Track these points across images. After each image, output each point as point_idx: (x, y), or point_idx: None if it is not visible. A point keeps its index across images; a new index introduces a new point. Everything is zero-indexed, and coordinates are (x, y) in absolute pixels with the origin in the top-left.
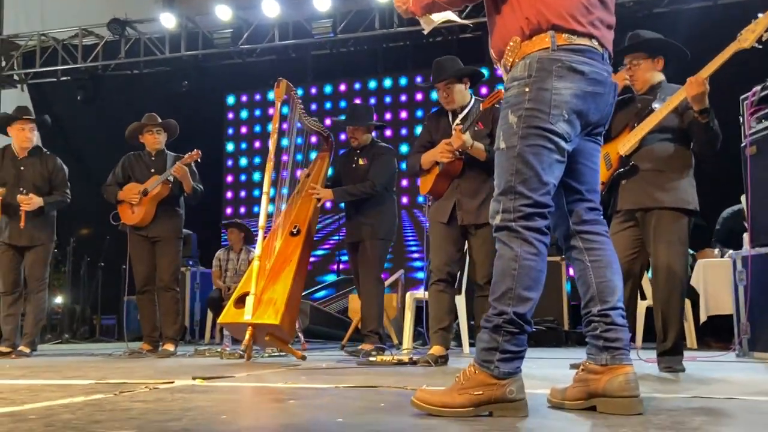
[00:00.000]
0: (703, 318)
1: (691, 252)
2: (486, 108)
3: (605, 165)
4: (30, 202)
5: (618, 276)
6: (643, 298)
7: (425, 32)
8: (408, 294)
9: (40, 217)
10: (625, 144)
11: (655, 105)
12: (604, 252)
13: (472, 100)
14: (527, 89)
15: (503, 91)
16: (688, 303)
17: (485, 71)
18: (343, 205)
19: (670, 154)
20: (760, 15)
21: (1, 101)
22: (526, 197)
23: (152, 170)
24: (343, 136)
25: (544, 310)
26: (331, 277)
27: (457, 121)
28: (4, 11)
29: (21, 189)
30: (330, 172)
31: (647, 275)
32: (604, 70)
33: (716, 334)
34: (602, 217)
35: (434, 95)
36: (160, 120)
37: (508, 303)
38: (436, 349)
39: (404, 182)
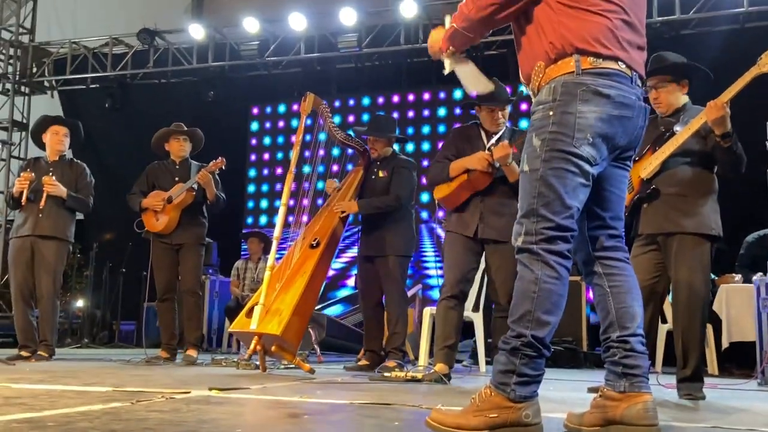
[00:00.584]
0: (725, 344)
1: (714, 277)
2: (522, 132)
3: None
4: (54, 184)
5: (638, 302)
6: (664, 321)
7: (445, 72)
8: (425, 310)
9: (60, 209)
10: (647, 167)
11: (677, 128)
12: (624, 278)
13: (504, 125)
14: (551, 113)
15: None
16: (709, 328)
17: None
18: (360, 217)
19: (692, 178)
20: None
21: (32, 107)
22: (549, 220)
23: (176, 178)
24: None
25: (563, 330)
26: (348, 290)
27: (493, 140)
28: (37, 19)
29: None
30: None
31: (668, 299)
32: (632, 93)
33: (738, 361)
34: (624, 243)
35: (457, 110)
36: (185, 128)
37: (526, 326)
38: (439, 367)
39: (425, 197)
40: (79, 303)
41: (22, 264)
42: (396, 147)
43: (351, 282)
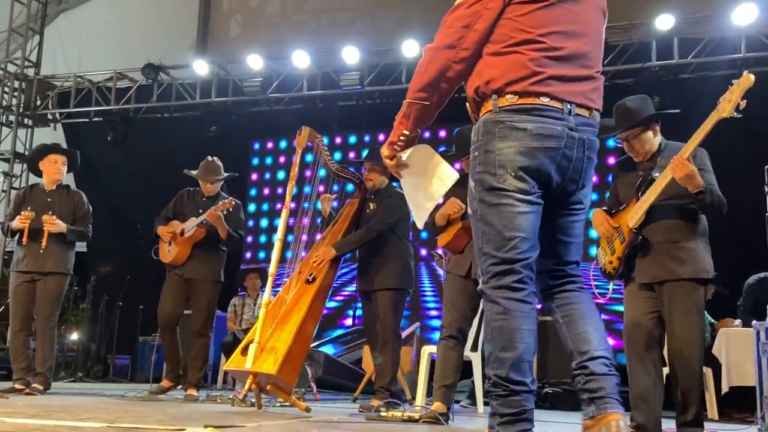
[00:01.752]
0: (725, 388)
1: (711, 321)
2: None
3: (618, 239)
4: (54, 222)
5: (593, 325)
6: (663, 365)
7: (419, 225)
8: (423, 349)
9: (60, 245)
10: (633, 216)
11: (655, 174)
12: (574, 305)
13: None
14: (477, 153)
15: None
16: (709, 372)
17: None
18: (357, 253)
19: (680, 222)
20: (734, 82)
21: (35, 139)
22: (492, 256)
23: (200, 211)
24: None
25: (561, 372)
26: (342, 330)
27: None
28: (42, 52)
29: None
30: None
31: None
32: (558, 124)
33: (738, 405)
34: (577, 279)
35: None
36: (220, 172)
37: (492, 367)
38: (437, 406)
39: (423, 234)
40: (74, 336)
41: (23, 298)
42: (395, 185)
43: (348, 322)
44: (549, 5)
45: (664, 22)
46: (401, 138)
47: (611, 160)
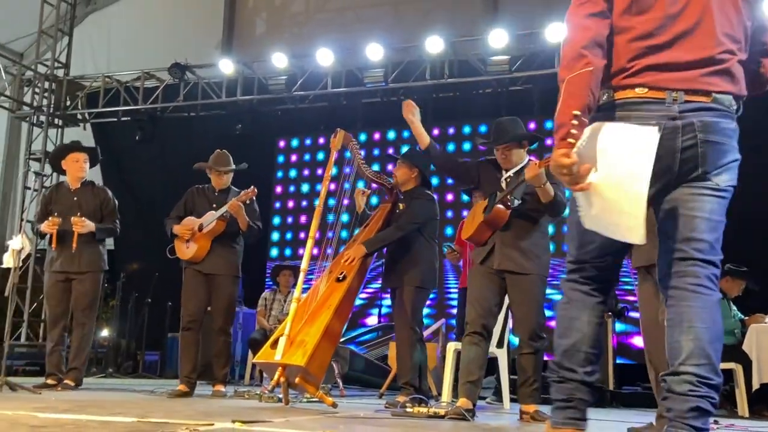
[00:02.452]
0: (755, 385)
1: (742, 317)
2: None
3: None
4: (83, 224)
5: (692, 334)
6: None
7: (638, 240)
8: (449, 345)
9: (91, 244)
10: None
11: None
12: (677, 308)
13: (526, 159)
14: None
15: None
16: (739, 369)
17: (533, 124)
18: (385, 250)
19: None
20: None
21: (65, 139)
22: (570, 254)
23: (213, 205)
24: None
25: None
26: (371, 321)
27: (508, 174)
28: (72, 53)
29: (78, 214)
30: None
31: None
32: (651, 115)
33: None
34: (701, 264)
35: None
36: (230, 162)
37: (553, 354)
38: (462, 402)
39: (448, 231)
40: (105, 332)
41: (58, 296)
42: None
43: (372, 320)
44: None
45: None
46: (573, 122)
47: None
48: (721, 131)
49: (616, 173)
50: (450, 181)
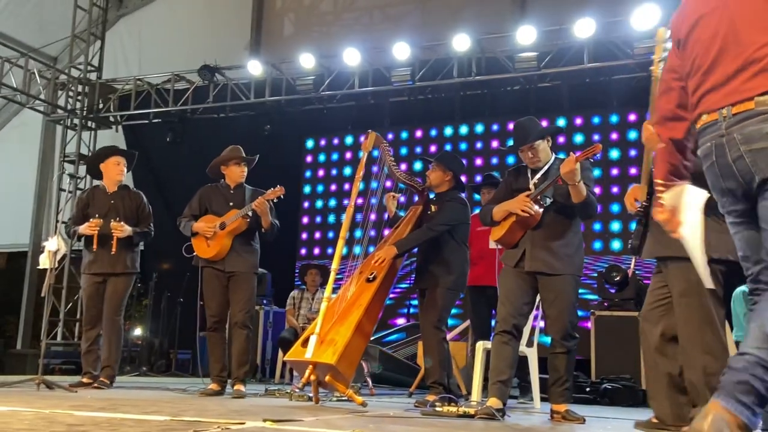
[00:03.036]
0: None
1: None
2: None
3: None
4: (122, 228)
5: (755, 322)
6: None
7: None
8: (478, 344)
9: (127, 247)
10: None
11: None
12: (759, 302)
13: (553, 157)
14: None
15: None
16: None
17: (563, 121)
18: (416, 249)
19: None
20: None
21: (98, 141)
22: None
23: (231, 203)
24: None
25: (620, 368)
26: (400, 321)
27: (537, 177)
28: (104, 57)
29: (116, 218)
30: None
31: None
32: (708, 138)
33: None
34: None
35: (510, 142)
36: (243, 153)
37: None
38: (492, 402)
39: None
40: (138, 331)
41: (95, 297)
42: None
43: (400, 321)
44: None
45: None
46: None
47: None
48: (755, 138)
49: (687, 229)
50: (479, 179)
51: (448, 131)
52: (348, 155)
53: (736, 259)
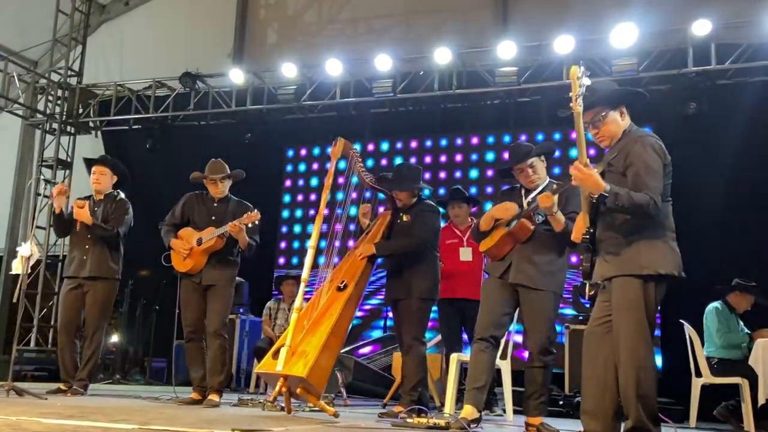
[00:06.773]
0: (761, 400)
1: (748, 331)
2: (563, 185)
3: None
4: (81, 208)
5: None
6: (698, 375)
7: None
8: (452, 356)
9: (104, 249)
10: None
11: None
12: None
13: (547, 180)
14: None
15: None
16: (745, 383)
17: (541, 136)
18: (381, 261)
19: (621, 217)
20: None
21: (77, 146)
22: None
23: (212, 217)
24: None
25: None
26: (377, 333)
27: (531, 196)
28: (85, 62)
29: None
30: None
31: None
32: None
33: None
34: None
35: (489, 156)
36: (225, 169)
37: None
38: (467, 410)
39: None
40: (113, 339)
41: (71, 303)
42: (427, 192)
43: (376, 334)
44: None
45: (701, 28)
46: None
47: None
48: None
49: None
50: None
51: (429, 143)
52: (328, 165)
53: (680, 275)
